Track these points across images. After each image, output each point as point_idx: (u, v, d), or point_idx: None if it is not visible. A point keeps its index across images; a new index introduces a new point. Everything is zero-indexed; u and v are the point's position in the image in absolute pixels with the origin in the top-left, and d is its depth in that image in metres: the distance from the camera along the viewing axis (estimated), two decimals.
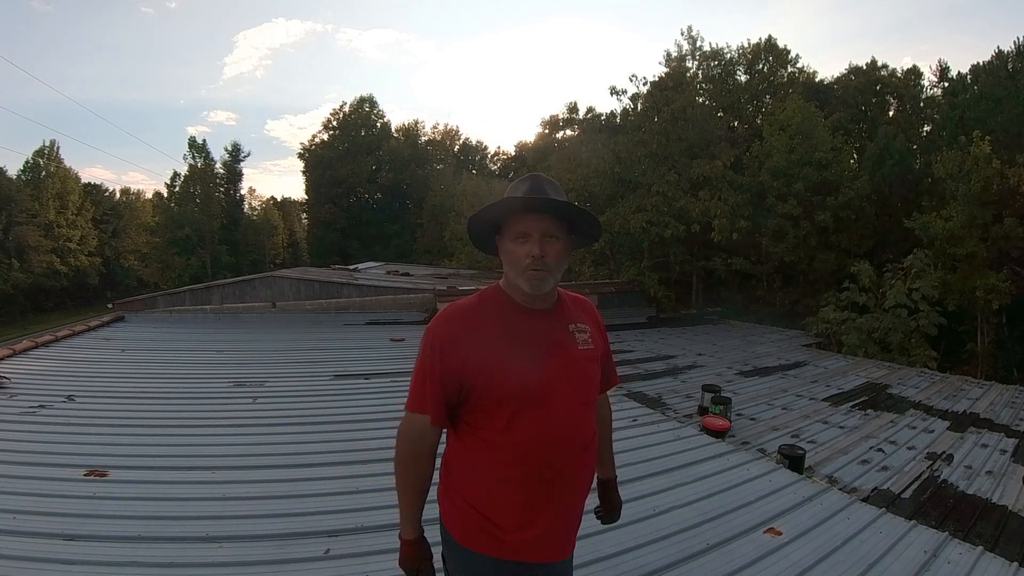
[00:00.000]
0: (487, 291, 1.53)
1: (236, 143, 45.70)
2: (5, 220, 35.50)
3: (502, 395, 1.39)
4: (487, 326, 1.43)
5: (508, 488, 1.42)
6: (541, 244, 1.41)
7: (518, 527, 1.43)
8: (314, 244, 45.21)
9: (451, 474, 1.53)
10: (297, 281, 11.82)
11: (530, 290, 1.44)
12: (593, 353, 1.57)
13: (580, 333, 1.55)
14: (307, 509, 3.10)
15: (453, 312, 1.47)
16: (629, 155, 15.08)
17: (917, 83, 23.72)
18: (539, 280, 1.43)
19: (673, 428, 5.05)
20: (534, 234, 1.41)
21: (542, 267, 1.41)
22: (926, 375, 9.17)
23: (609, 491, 1.87)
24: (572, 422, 1.47)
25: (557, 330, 1.51)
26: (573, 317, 1.57)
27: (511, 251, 1.45)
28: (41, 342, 7.59)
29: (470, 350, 1.39)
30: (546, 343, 1.47)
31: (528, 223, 1.42)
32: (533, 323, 1.48)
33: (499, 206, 1.44)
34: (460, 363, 1.39)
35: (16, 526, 2.76)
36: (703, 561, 2.81)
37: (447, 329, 1.43)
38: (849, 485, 4.70)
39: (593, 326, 1.63)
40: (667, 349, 10.07)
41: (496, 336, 1.42)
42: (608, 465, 1.87)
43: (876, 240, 16.39)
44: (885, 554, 2.95)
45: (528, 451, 1.41)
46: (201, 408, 5.15)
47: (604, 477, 1.86)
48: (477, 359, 1.39)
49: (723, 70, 21.72)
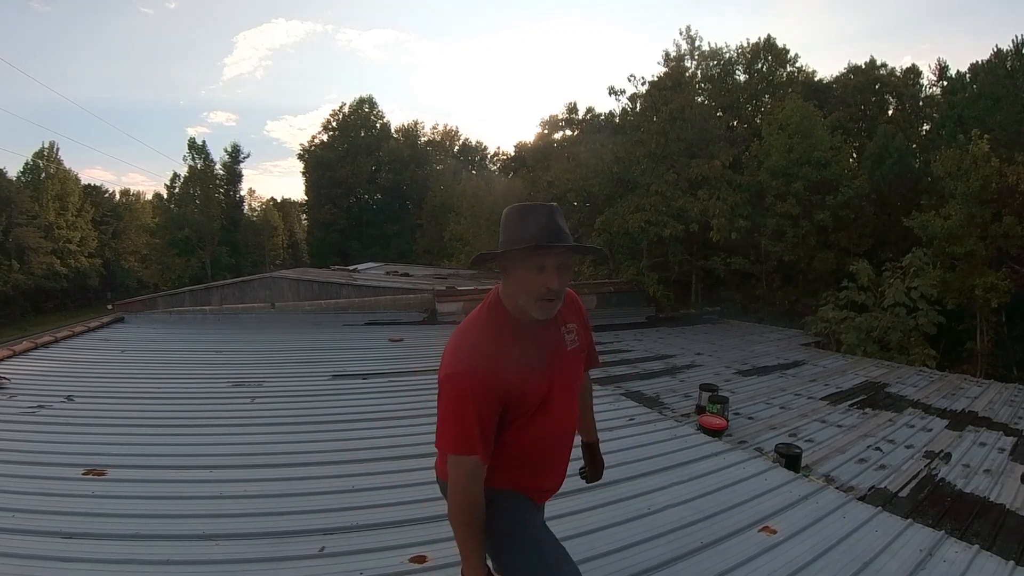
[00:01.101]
0: (494, 306, 1.58)
1: (236, 144, 45.93)
2: (5, 222, 35.54)
3: (523, 409, 1.51)
4: (504, 346, 1.50)
5: (519, 470, 1.62)
6: (557, 276, 1.47)
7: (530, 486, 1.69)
8: (314, 245, 45.29)
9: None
10: (296, 282, 11.84)
11: (541, 317, 1.51)
12: (579, 350, 1.72)
13: (569, 334, 1.67)
14: (303, 508, 3.11)
15: (480, 340, 1.50)
16: (628, 155, 15.09)
17: (916, 82, 23.68)
18: (552, 309, 1.51)
19: (670, 427, 5.05)
20: (549, 267, 1.47)
21: (555, 297, 1.49)
22: (925, 374, 9.17)
23: (593, 452, 2.09)
24: (566, 417, 1.65)
25: (552, 336, 1.62)
26: (564, 319, 1.67)
27: (525, 280, 1.48)
28: (41, 343, 7.61)
29: (502, 380, 1.45)
30: (547, 351, 1.59)
31: (547, 258, 1.46)
32: (536, 336, 1.57)
33: (519, 242, 1.47)
34: (501, 395, 1.46)
35: (15, 524, 2.78)
36: (696, 560, 2.82)
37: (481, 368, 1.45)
38: (846, 484, 4.70)
39: (579, 322, 1.74)
40: (666, 349, 10.07)
41: (513, 355, 1.49)
42: (591, 430, 2.07)
43: (875, 239, 16.37)
44: (880, 552, 2.94)
45: (531, 451, 1.59)
46: (199, 408, 5.16)
47: (588, 440, 2.08)
48: (510, 383, 1.47)
49: (722, 70, 21.73)
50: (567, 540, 2.82)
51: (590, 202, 16.08)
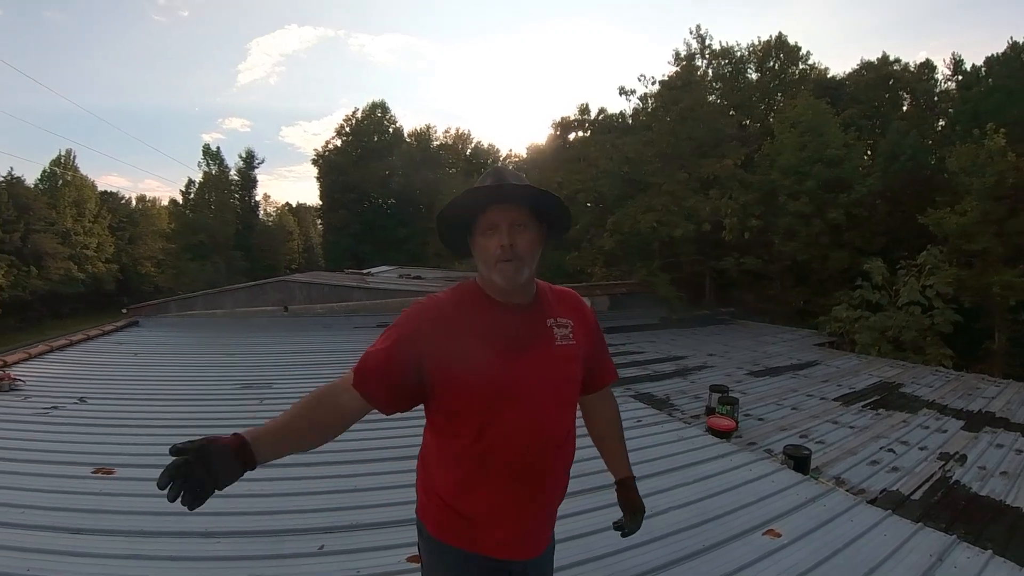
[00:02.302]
0: (464, 285, 1.50)
1: (250, 150, 46.27)
2: (23, 228, 36.21)
3: (465, 389, 1.36)
4: (458, 318, 1.40)
5: (480, 486, 1.41)
6: (510, 234, 1.37)
7: (490, 525, 1.43)
8: (329, 249, 45.48)
9: (427, 470, 1.54)
10: (308, 285, 11.93)
11: (503, 283, 1.39)
12: (574, 350, 1.51)
13: (560, 328, 1.49)
14: (303, 507, 3.14)
15: (428, 303, 1.43)
16: (638, 155, 15.02)
17: (931, 77, 23.39)
18: (513, 271, 1.37)
19: (677, 429, 5.01)
20: (502, 225, 1.37)
21: (512, 256, 1.37)
22: (941, 374, 9.03)
23: (627, 490, 1.74)
24: (546, 421, 1.43)
25: (533, 325, 1.46)
26: (553, 312, 1.51)
27: (481, 246, 1.41)
28: (56, 346, 7.74)
29: (434, 341, 1.36)
30: (519, 338, 1.42)
31: (495, 215, 1.38)
32: (506, 318, 1.43)
33: (461, 200, 1.40)
34: (419, 354, 1.35)
35: (24, 520, 2.86)
36: (697, 563, 2.79)
37: (416, 319, 1.40)
38: (857, 486, 4.63)
39: (578, 321, 1.55)
40: (677, 350, 10.01)
41: (464, 328, 1.38)
42: (622, 463, 1.75)
43: (889, 237, 16.20)
44: (888, 558, 2.88)
45: (499, 449, 1.39)
46: (209, 409, 5.22)
47: (620, 476, 1.75)
48: (438, 351, 1.35)
49: (733, 68, 21.62)
50: (562, 543, 2.80)
51: (601, 203, 16.01)
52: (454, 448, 1.43)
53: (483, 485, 1.41)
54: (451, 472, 1.45)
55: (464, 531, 1.43)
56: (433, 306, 1.42)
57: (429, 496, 1.50)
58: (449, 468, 1.45)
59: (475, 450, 1.39)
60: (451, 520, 1.45)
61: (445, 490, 1.46)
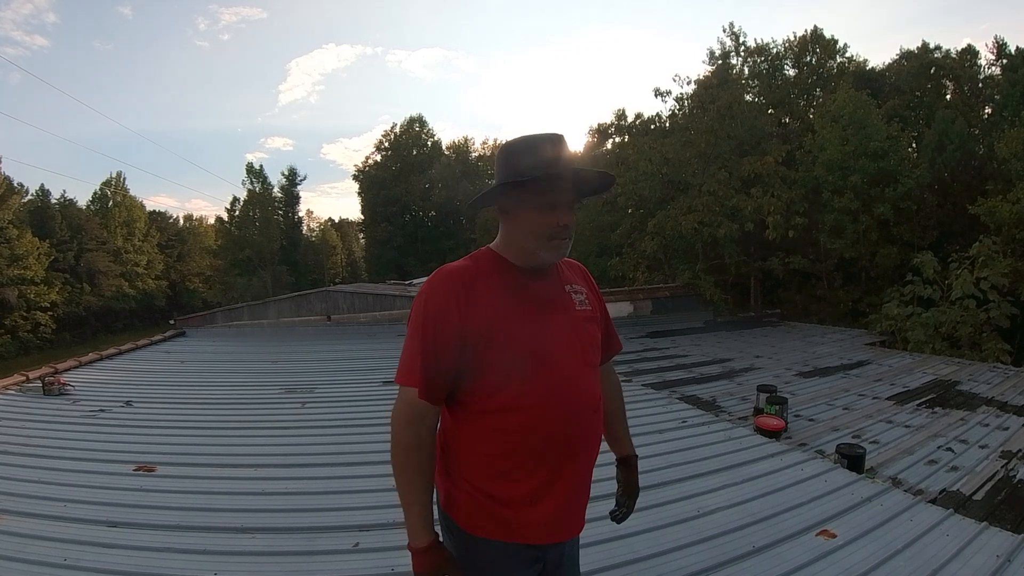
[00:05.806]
0: (479, 253, 1.45)
1: (292, 167, 47.22)
2: (76, 247, 38.05)
3: (504, 355, 1.30)
4: (482, 285, 1.34)
5: (517, 461, 1.33)
6: (570, 213, 1.37)
7: (532, 504, 1.34)
8: (372, 262, 46.10)
9: (450, 455, 1.41)
10: (351, 295, 12.10)
11: (552, 258, 1.39)
12: (592, 314, 1.51)
13: (576, 294, 1.49)
14: (341, 505, 3.13)
15: (446, 273, 1.36)
16: (677, 156, 14.73)
17: (974, 63, 22.20)
18: (564, 249, 1.40)
19: (724, 429, 4.86)
20: (563, 204, 1.35)
21: (567, 236, 1.38)
22: (999, 370, 8.55)
23: (628, 470, 1.71)
24: (582, 382, 1.39)
25: (554, 290, 1.45)
26: (568, 279, 1.51)
27: (532, 220, 1.35)
28: (105, 354, 8.01)
29: (466, 312, 1.29)
30: (546, 302, 1.41)
31: (557, 195, 1.34)
32: (530, 283, 1.40)
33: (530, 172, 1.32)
34: (458, 329, 1.28)
35: (65, 512, 2.95)
36: (747, 564, 2.66)
37: (443, 291, 1.32)
38: (914, 486, 4.38)
39: (588, 288, 1.56)
40: (724, 352, 9.75)
41: (493, 295, 1.33)
42: (624, 442, 1.73)
43: (940, 230, 15.53)
44: (952, 559, 2.72)
45: (539, 416, 1.31)
46: (251, 412, 5.31)
47: (622, 454, 1.72)
48: (474, 319, 1.29)
49: (770, 65, 21.16)
50: (605, 543, 2.75)
51: (641, 207, 15.80)
52: (488, 424, 1.33)
53: (520, 457, 1.34)
54: (482, 451, 1.35)
55: (501, 518, 1.34)
56: (451, 273, 1.35)
57: (457, 484, 1.39)
58: (482, 448, 1.35)
59: (512, 421, 1.31)
60: (486, 507, 1.35)
61: (477, 474, 1.36)
